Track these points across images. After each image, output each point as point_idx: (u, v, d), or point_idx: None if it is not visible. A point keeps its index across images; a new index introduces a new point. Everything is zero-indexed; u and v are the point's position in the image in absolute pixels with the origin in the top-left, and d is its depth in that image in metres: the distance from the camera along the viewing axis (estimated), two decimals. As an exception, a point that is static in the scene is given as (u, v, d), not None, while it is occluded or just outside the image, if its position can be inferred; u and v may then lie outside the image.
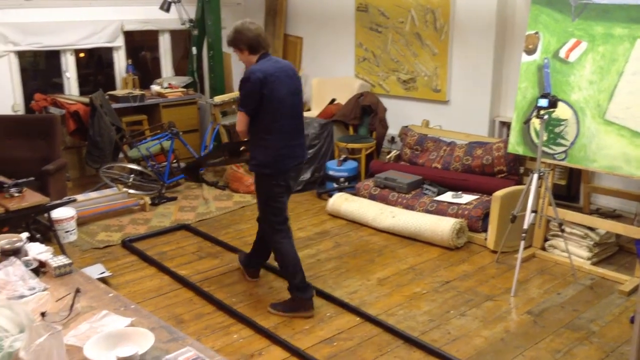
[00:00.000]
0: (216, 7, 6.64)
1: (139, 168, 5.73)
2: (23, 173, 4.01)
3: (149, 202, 5.44)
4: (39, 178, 4.28)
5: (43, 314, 1.93)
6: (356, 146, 5.92)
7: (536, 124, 4.16)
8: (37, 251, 2.39)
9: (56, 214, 4.39)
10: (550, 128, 4.17)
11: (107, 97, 6.09)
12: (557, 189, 5.08)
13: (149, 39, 7.26)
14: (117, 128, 5.82)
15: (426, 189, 5.12)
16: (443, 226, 4.53)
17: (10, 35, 5.96)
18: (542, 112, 3.91)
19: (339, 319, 3.56)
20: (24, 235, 2.47)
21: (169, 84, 6.86)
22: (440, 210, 4.81)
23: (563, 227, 4.15)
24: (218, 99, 6.45)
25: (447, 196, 4.97)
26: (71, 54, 6.49)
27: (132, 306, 2.07)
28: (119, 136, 5.82)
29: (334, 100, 6.63)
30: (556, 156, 4.21)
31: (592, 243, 4.26)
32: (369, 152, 5.97)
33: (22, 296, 2.03)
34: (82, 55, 6.77)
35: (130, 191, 5.52)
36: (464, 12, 5.74)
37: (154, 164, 5.82)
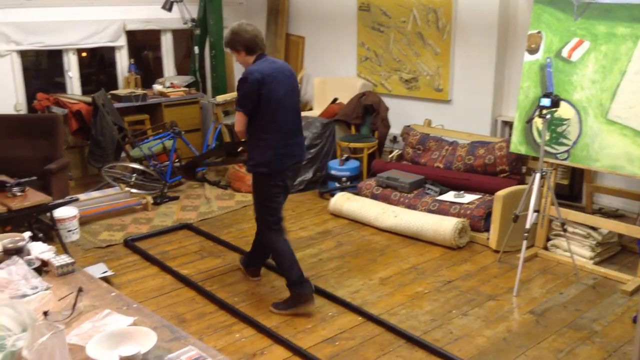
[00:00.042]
0: (218, 6, 6.65)
1: (141, 167, 5.73)
2: (25, 172, 4.03)
3: (151, 201, 5.44)
4: (41, 177, 4.28)
5: (45, 313, 1.93)
6: (358, 146, 5.92)
7: (538, 123, 4.16)
8: (40, 250, 2.40)
9: (59, 213, 4.40)
10: (553, 127, 4.17)
11: (109, 96, 6.09)
12: (560, 188, 5.07)
13: (151, 39, 7.27)
14: (120, 127, 5.82)
15: (428, 188, 5.11)
16: (445, 226, 4.52)
17: (13, 34, 5.97)
18: (544, 111, 3.90)
19: (341, 319, 3.56)
20: (27, 234, 2.47)
21: (171, 83, 6.86)
22: (443, 209, 4.80)
23: (565, 226, 4.15)
24: (220, 98, 6.46)
25: (450, 196, 4.96)
26: (73, 54, 6.50)
27: (134, 305, 2.08)
28: (121, 135, 5.82)
29: (336, 100, 6.63)
30: (558, 156, 4.20)
31: (594, 243, 4.26)
32: (371, 152, 5.96)
33: (25, 295, 2.04)
34: (84, 54, 6.77)
35: (133, 190, 5.52)
36: (466, 11, 5.73)
37: (156, 163, 5.82)
